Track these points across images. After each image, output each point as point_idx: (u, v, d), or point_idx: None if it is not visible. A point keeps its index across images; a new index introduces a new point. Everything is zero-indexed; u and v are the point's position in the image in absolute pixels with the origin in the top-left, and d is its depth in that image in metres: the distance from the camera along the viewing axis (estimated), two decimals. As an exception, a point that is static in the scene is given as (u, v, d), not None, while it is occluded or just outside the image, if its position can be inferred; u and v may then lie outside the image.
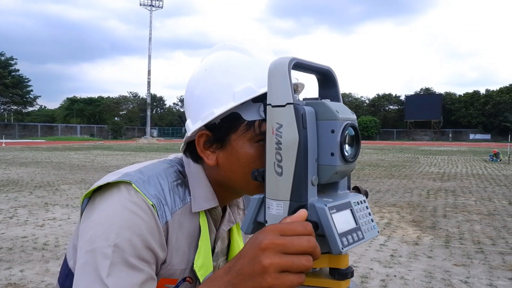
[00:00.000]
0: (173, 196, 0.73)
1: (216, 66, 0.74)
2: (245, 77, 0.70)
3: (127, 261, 0.64)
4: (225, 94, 0.70)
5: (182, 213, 0.74)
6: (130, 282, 0.63)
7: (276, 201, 0.58)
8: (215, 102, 0.71)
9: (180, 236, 0.73)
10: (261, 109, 0.69)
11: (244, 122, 0.70)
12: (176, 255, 0.73)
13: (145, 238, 0.67)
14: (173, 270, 0.73)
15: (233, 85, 0.70)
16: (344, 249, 0.54)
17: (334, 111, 0.57)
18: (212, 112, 0.71)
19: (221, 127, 0.72)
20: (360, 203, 0.62)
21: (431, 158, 21.07)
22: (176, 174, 0.77)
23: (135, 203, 0.68)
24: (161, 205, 0.70)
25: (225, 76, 0.72)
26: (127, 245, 0.65)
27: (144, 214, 0.67)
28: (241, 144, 0.71)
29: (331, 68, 0.66)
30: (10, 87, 52.13)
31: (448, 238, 5.38)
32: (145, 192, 0.69)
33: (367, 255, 4.56)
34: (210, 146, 0.74)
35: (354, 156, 0.60)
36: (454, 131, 62.79)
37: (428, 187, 10.20)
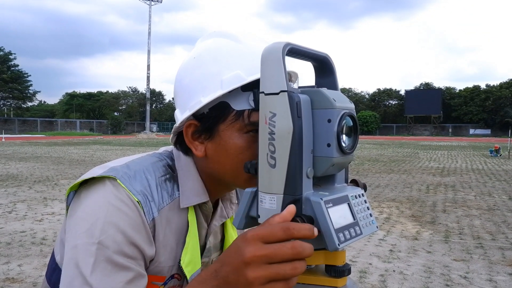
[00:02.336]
0: (160, 191, 0.71)
1: (205, 54, 0.71)
2: (234, 64, 0.68)
3: (111, 259, 0.62)
4: (213, 82, 0.68)
5: (170, 208, 0.72)
6: (114, 280, 0.62)
7: (269, 195, 0.55)
8: (203, 91, 0.69)
9: (168, 232, 0.71)
10: (250, 98, 0.66)
11: (233, 112, 0.67)
12: (163, 251, 0.71)
13: (130, 235, 0.65)
14: (160, 267, 0.71)
15: (221, 73, 0.68)
16: (341, 245, 0.51)
17: (331, 100, 0.54)
18: (199, 100, 0.69)
19: (210, 117, 0.69)
20: (358, 196, 0.59)
21: (430, 153, 21.05)
22: (164, 169, 0.75)
23: (120, 199, 0.66)
24: (147, 202, 0.68)
25: (213, 63, 0.69)
26: (111, 242, 0.63)
27: (129, 210, 0.65)
28: (229, 134, 0.68)
29: (328, 55, 0.63)
30: (9, 82, 51.97)
31: (447, 233, 5.37)
32: (131, 188, 0.67)
33: (366, 250, 4.55)
34: (199, 136, 0.72)
35: (352, 147, 0.57)
36: (454, 126, 62.73)
37: (427, 182, 10.18)
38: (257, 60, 0.64)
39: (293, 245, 0.49)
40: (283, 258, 0.49)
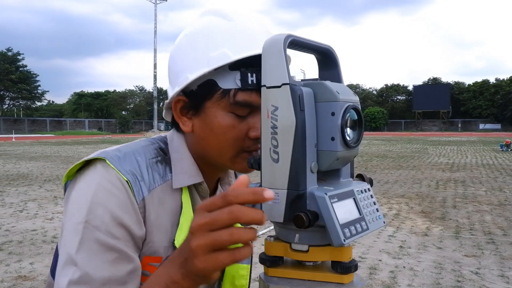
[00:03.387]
0: (151, 173, 0.71)
1: (195, 32, 0.72)
2: (222, 42, 0.68)
3: (97, 238, 0.63)
4: (201, 60, 0.69)
5: (163, 190, 0.72)
6: (100, 259, 0.63)
7: (273, 190, 0.54)
8: (191, 68, 0.70)
9: (162, 213, 0.71)
10: (237, 77, 0.67)
11: (219, 90, 0.68)
12: (157, 232, 0.71)
13: (118, 215, 0.65)
14: (155, 248, 0.71)
15: (209, 51, 0.68)
16: (347, 241, 0.50)
17: (335, 92, 0.53)
18: (186, 77, 0.70)
19: (197, 94, 0.70)
20: (364, 191, 0.58)
21: (440, 149, 20.83)
22: (156, 151, 0.75)
23: (109, 180, 0.67)
24: (136, 181, 0.68)
25: (202, 41, 0.70)
26: (98, 222, 0.64)
27: (117, 191, 0.66)
28: (214, 112, 0.69)
29: (331, 47, 0.61)
30: (18, 83, 52.59)
31: (458, 229, 5.31)
32: (120, 168, 0.68)
33: (375, 247, 4.52)
34: (187, 112, 0.73)
35: (356, 140, 0.55)
36: (463, 121, 61.96)
37: (437, 177, 10.08)
38: (246, 39, 0.67)
39: (230, 210, 0.47)
40: (221, 223, 0.48)
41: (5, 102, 56.39)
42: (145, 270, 0.70)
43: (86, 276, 0.62)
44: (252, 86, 0.67)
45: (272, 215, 0.54)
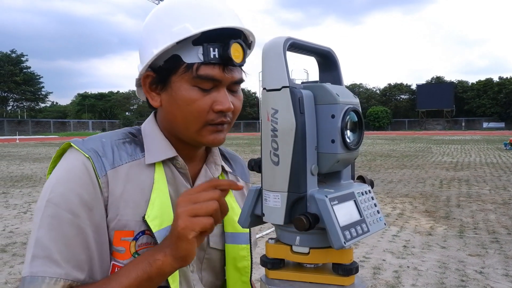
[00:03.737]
0: (117, 151, 0.75)
1: (161, 9, 0.76)
2: (184, 18, 0.71)
3: (57, 214, 0.67)
4: (164, 35, 0.72)
5: (132, 167, 0.75)
6: (59, 233, 0.67)
7: (273, 193, 0.54)
8: (156, 43, 0.73)
9: (129, 188, 0.73)
10: (199, 52, 0.70)
11: (183, 64, 0.71)
12: (125, 206, 0.72)
13: (78, 192, 0.69)
14: (124, 221, 0.72)
15: (172, 26, 0.72)
16: (347, 243, 0.50)
17: (334, 95, 0.53)
18: (152, 52, 0.73)
19: (164, 69, 0.73)
20: (364, 193, 0.58)
21: (443, 148, 20.74)
22: (123, 135, 0.79)
23: (71, 161, 0.72)
24: (98, 158, 0.72)
25: (166, 17, 0.74)
26: (58, 199, 0.68)
27: (77, 170, 0.70)
28: (178, 85, 0.72)
29: (331, 49, 0.61)
30: (22, 84, 52.86)
31: (462, 228, 5.28)
32: (82, 147, 0.72)
33: (379, 246, 4.51)
34: (155, 88, 0.76)
35: (357, 143, 0.55)
36: (467, 119, 61.66)
37: (441, 176, 10.04)
38: (207, 14, 0.72)
39: (211, 189, 0.65)
40: (203, 198, 0.64)
41: (9, 104, 56.70)
42: (119, 247, 0.72)
43: (46, 250, 0.66)
44: (214, 60, 0.70)
45: (273, 217, 0.54)
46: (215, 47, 0.70)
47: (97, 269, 0.70)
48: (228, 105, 0.72)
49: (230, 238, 0.83)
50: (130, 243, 0.72)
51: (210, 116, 0.73)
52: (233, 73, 0.73)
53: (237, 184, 0.69)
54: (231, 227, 0.84)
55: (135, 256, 0.71)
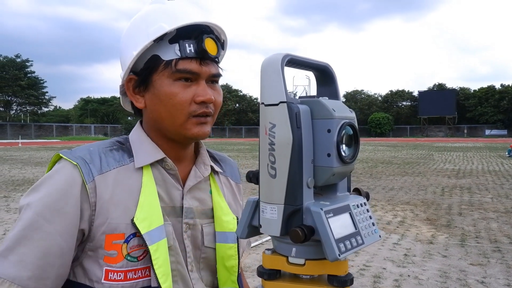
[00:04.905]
0: (105, 158, 0.77)
1: (137, 17, 0.82)
2: (159, 19, 0.77)
3: (29, 218, 0.70)
4: (142, 36, 0.77)
5: (120, 172, 0.77)
6: (27, 238, 0.69)
7: (270, 205, 0.55)
8: (135, 45, 0.78)
9: (118, 192, 0.76)
10: (176, 48, 0.76)
11: (162, 62, 0.76)
12: (114, 209, 0.74)
13: (55, 199, 0.71)
14: (114, 224, 0.74)
15: (148, 27, 0.77)
16: (342, 255, 0.51)
17: (330, 109, 0.54)
18: (132, 54, 0.77)
19: (145, 69, 0.78)
20: (360, 206, 0.59)
21: (445, 155, 20.70)
22: (111, 143, 0.82)
23: (57, 170, 0.74)
24: (86, 164, 0.75)
25: (142, 22, 0.80)
26: (35, 204, 0.71)
27: (58, 177, 0.73)
28: (160, 83, 0.77)
29: (328, 64, 0.63)
30: (26, 89, 53.18)
31: (463, 236, 5.27)
32: (70, 156, 0.75)
33: (380, 255, 4.50)
34: (139, 90, 0.80)
35: (352, 156, 0.57)
36: (469, 127, 61.53)
37: (442, 184, 10.01)
38: (179, 13, 0.78)
39: None
40: None
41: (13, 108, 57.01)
42: (111, 250, 0.73)
43: (7, 250, 0.69)
44: (190, 54, 0.76)
45: (270, 229, 0.55)
46: (190, 43, 0.76)
47: (52, 278, 0.71)
48: (209, 95, 0.77)
49: (219, 237, 0.85)
50: (122, 246, 0.73)
51: (193, 107, 0.77)
52: (210, 67, 0.79)
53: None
54: (219, 226, 0.86)
55: (127, 258, 0.73)
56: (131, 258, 0.74)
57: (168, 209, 0.80)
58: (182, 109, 0.76)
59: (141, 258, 0.74)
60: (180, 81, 0.76)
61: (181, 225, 0.81)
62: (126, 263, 0.73)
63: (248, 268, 3.90)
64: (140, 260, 0.74)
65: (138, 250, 0.74)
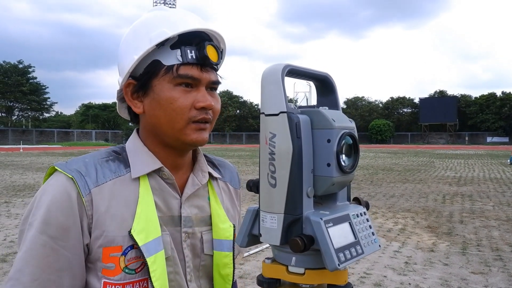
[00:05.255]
0: (101, 170, 0.77)
1: (137, 23, 0.82)
2: (160, 24, 0.77)
3: (34, 237, 0.70)
4: (143, 41, 0.77)
5: (116, 183, 0.77)
6: (34, 255, 0.70)
7: (270, 214, 0.55)
8: (136, 50, 0.77)
9: (114, 204, 0.75)
10: (178, 54, 0.76)
11: (163, 67, 0.76)
12: (111, 222, 0.74)
13: (56, 216, 0.71)
14: (111, 237, 0.74)
15: (150, 32, 0.77)
16: (341, 265, 0.51)
17: (330, 120, 0.55)
18: (133, 58, 0.77)
19: (145, 74, 0.78)
20: (359, 215, 0.59)
21: (447, 162, 20.66)
22: (107, 153, 0.81)
23: (51, 184, 0.74)
24: (81, 177, 0.74)
25: (143, 27, 0.80)
26: (37, 223, 0.71)
27: (56, 193, 0.72)
28: (160, 87, 0.77)
29: (328, 74, 0.63)
30: (28, 94, 53.39)
31: (465, 244, 5.24)
32: (65, 169, 0.75)
33: (380, 262, 4.47)
34: (137, 95, 0.80)
35: (352, 166, 0.57)
36: (470, 134, 61.51)
37: (443, 191, 9.99)
38: (180, 20, 0.78)
39: None
40: None
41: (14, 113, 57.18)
42: (109, 263, 0.73)
43: (18, 272, 0.70)
44: (192, 60, 0.76)
45: (269, 238, 0.56)
46: (191, 49, 0.76)
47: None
48: (209, 101, 0.77)
49: (216, 244, 0.85)
50: (119, 258, 0.73)
51: (192, 113, 0.77)
52: (210, 74, 0.79)
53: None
54: (216, 234, 0.85)
55: (125, 271, 0.73)
56: (129, 270, 0.73)
57: (166, 218, 0.80)
58: (182, 114, 0.76)
59: (139, 270, 0.74)
60: (180, 87, 0.76)
61: (180, 235, 0.81)
62: (124, 275, 0.73)
63: (248, 275, 3.88)
64: (138, 272, 0.74)
65: (136, 262, 0.74)
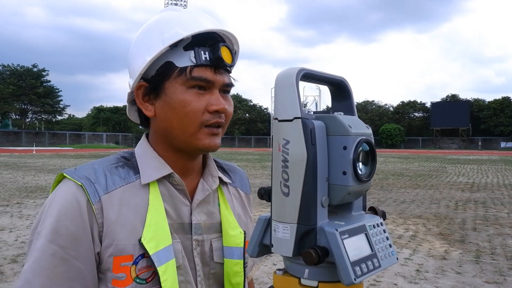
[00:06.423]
0: (110, 176, 0.75)
1: (150, 23, 0.80)
2: (174, 25, 0.75)
3: (43, 247, 0.69)
4: (156, 42, 0.74)
5: (125, 190, 0.75)
6: (44, 265, 0.68)
7: (283, 224, 0.53)
8: (148, 51, 0.75)
9: (126, 212, 0.73)
10: (191, 55, 0.73)
11: (176, 69, 0.74)
12: (121, 230, 0.72)
13: (65, 224, 0.69)
14: (122, 246, 0.71)
15: (163, 33, 0.75)
16: (357, 279, 0.49)
17: (346, 126, 0.52)
18: (145, 59, 0.75)
19: (157, 76, 0.75)
20: (376, 226, 0.56)
21: (459, 168, 20.35)
22: (116, 159, 0.79)
23: (60, 192, 0.72)
24: (91, 184, 0.72)
25: (156, 27, 0.77)
26: (46, 232, 0.69)
27: (65, 201, 0.70)
28: (173, 90, 0.74)
29: (344, 78, 0.61)
30: (42, 97, 54.30)
31: (478, 252, 5.13)
32: (74, 176, 0.73)
33: (391, 270, 4.40)
34: (149, 98, 0.77)
35: (368, 175, 0.54)
36: (483, 139, 60.53)
37: (456, 198, 9.82)
38: (194, 21, 0.76)
39: None
40: None
41: (28, 116, 58.16)
42: (120, 273, 0.71)
43: (28, 283, 0.68)
44: (205, 62, 0.73)
45: (282, 249, 0.53)
46: (205, 50, 0.74)
47: None
48: (222, 105, 0.75)
49: (226, 252, 0.83)
50: (130, 268, 0.71)
51: (205, 117, 0.74)
52: (224, 76, 0.77)
53: None
54: (226, 241, 0.83)
55: (136, 281, 0.71)
56: (140, 280, 0.71)
57: (176, 226, 0.78)
58: (195, 117, 0.74)
59: (150, 280, 0.72)
60: (193, 89, 0.74)
61: (191, 242, 0.79)
62: (135, 286, 0.71)
63: (255, 281, 3.85)
64: (149, 282, 0.72)
65: (147, 272, 0.72)
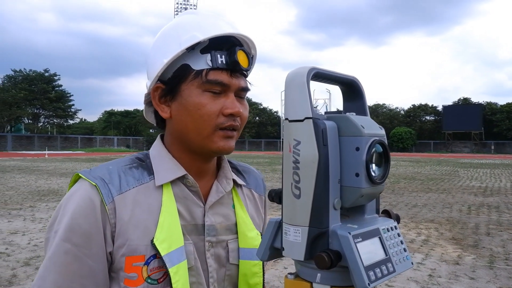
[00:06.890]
0: (124, 177, 0.76)
1: (168, 27, 0.81)
2: (191, 28, 0.76)
3: (58, 245, 0.70)
4: (174, 45, 0.75)
5: (139, 191, 0.75)
6: (57, 263, 0.70)
7: (294, 227, 0.52)
8: (166, 53, 0.76)
9: (139, 212, 0.74)
10: (208, 58, 0.74)
11: (193, 72, 0.75)
12: (134, 230, 0.73)
13: (79, 223, 0.70)
14: (134, 246, 0.72)
15: (180, 36, 0.76)
16: (371, 284, 0.47)
17: (359, 126, 0.51)
18: (162, 61, 0.75)
19: (173, 78, 0.76)
20: (390, 229, 0.55)
21: (471, 171, 20.02)
22: (130, 160, 0.80)
23: (75, 192, 0.73)
24: (105, 185, 0.73)
25: (173, 31, 0.79)
26: (61, 231, 0.70)
27: (80, 200, 0.71)
28: (188, 92, 0.75)
29: (356, 78, 0.60)
30: (54, 101, 55.13)
31: (492, 258, 5.02)
32: (89, 176, 0.74)
33: (403, 274, 4.33)
34: (165, 100, 0.78)
35: (382, 177, 0.53)
36: (496, 143, 59.50)
37: (469, 202, 9.65)
38: (212, 24, 0.77)
39: None
40: None
41: (40, 120, 59.10)
42: (131, 273, 0.71)
43: (41, 279, 0.70)
44: (222, 66, 0.74)
45: (293, 252, 0.52)
46: (222, 53, 0.74)
47: None
48: (237, 108, 0.75)
49: (243, 253, 0.82)
50: (142, 268, 0.71)
51: (220, 120, 0.75)
52: (240, 80, 0.77)
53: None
54: (244, 243, 0.83)
55: (148, 281, 0.71)
56: (152, 280, 0.72)
57: (189, 227, 0.78)
58: (210, 120, 0.74)
59: (161, 280, 0.72)
60: (209, 92, 0.74)
61: (203, 244, 0.79)
62: (146, 286, 0.71)
63: (266, 284, 3.81)
64: (160, 282, 0.72)
65: (158, 272, 0.72)
